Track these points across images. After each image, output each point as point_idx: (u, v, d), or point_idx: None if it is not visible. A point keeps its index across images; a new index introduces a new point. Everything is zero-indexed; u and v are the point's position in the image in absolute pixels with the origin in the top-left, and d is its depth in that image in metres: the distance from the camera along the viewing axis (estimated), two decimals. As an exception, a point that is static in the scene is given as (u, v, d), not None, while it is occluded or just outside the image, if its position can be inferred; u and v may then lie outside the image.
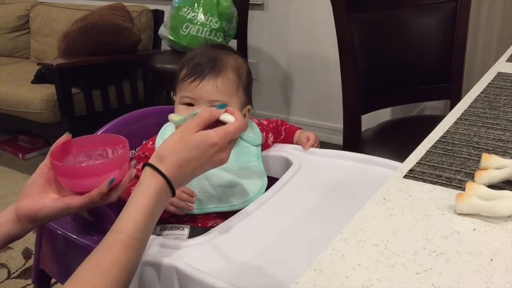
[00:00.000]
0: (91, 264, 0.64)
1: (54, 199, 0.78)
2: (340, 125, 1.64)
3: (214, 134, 0.72)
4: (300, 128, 1.23)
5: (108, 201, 0.80)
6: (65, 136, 0.83)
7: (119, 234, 0.66)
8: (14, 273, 1.77)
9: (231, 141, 0.75)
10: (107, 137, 0.88)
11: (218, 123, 0.75)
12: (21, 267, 1.80)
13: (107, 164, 0.79)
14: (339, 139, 2.23)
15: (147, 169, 0.71)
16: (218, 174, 0.99)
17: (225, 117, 0.75)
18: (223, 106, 0.78)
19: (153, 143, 1.05)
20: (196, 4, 2.42)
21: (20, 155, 2.73)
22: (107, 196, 0.79)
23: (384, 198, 0.61)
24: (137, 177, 0.99)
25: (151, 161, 0.72)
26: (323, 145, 1.18)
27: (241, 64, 1.05)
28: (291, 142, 1.20)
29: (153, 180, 0.70)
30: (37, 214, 0.76)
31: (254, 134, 1.09)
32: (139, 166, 1.02)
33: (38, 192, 0.79)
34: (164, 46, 2.74)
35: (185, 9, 2.42)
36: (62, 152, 0.82)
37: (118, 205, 1.02)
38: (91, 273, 0.63)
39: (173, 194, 0.73)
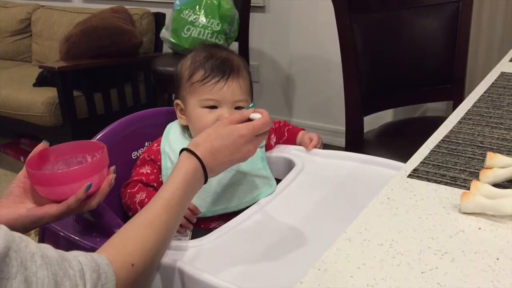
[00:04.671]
0: (135, 219, 0.72)
1: (29, 208, 0.77)
2: (342, 127, 1.64)
3: (243, 127, 0.80)
4: (303, 129, 1.22)
5: (87, 208, 0.80)
6: (42, 145, 0.82)
7: (161, 198, 0.74)
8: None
9: (259, 136, 0.82)
10: (85, 144, 0.87)
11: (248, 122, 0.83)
12: (23, 270, 1.79)
13: (83, 170, 0.77)
14: (341, 141, 2.22)
15: (184, 153, 0.79)
16: (227, 175, 0.99)
17: (254, 115, 0.82)
18: (251, 106, 0.84)
19: (158, 145, 1.05)
20: (197, 7, 2.42)
21: (22, 159, 2.73)
22: (86, 202, 0.79)
23: (388, 198, 0.60)
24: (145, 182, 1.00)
25: (188, 146, 0.80)
26: (325, 147, 1.18)
27: (245, 62, 1.08)
28: (294, 143, 1.20)
29: (190, 160, 0.78)
30: (13, 225, 0.75)
31: None
32: (143, 170, 1.02)
33: (14, 202, 0.78)
34: (166, 48, 2.74)
35: (187, 12, 2.42)
36: (39, 160, 0.81)
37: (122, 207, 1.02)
38: (137, 224, 0.71)
39: (206, 180, 0.79)
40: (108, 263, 0.62)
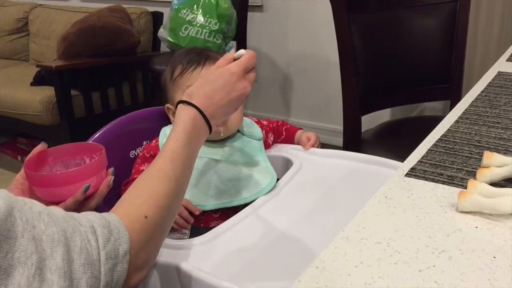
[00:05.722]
0: (143, 174, 0.71)
1: None
2: (340, 127, 1.64)
3: (232, 65, 0.79)
4: (300, 128, 1.23)
5: (86, 209, 0.79)
6: (41, 146, 0.82)
7: (163, 151, 0.73)
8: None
9: (249, 72, 0.81)
10: (84, 146, 0.87)
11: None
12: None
13: (82, 171, 0.77)
14: (339, 141, 2.22)
15: (180, 105, 0.78)
16: (227, 168, 1.00)
17: (238, 53, 0.82)
18: (230, 48, 0.84)
19: (157, 141, 1.06)
20: (195, 6, 2.42)
21: (19, 158, 2.72)
22: (85, 204, 0.79)
23: (386, 197, 0.60)
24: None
25: (182, 98, 0.78)
26: (323, 146, 1.18)
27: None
28: (292, 143, 1.20)
29: (186, 110, 0.76)
30: None
31: (253, 129, 1.10)
32: (143, 167, 1.02)
33: None
34: (164, 48, 2.74)
35: (184, 11, 2.42)
36: (37, 162, 0.81)
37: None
38: (143, 180, 0.70)
39: (210, 129, 0.78)
40: (118, 220, 0.62)
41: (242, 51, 0.81)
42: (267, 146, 1.16)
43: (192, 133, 0.75)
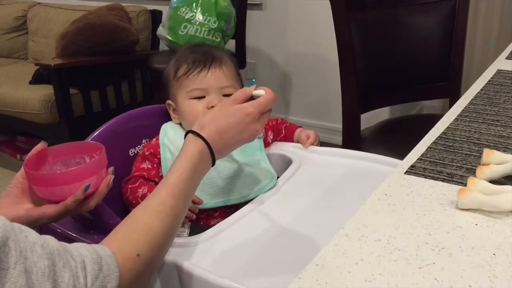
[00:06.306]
0: (142, 205, 0.71)
1: (27, 209, 0.77)
2: (339, 125, 1.64)
3: (249, 105, 0.79)
4: (300, 127, 1.23)
5: (85, 208, 0.79)
6: (41, 145, 0.82)
7: (166, 183, 0.73)
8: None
9: (264, 114, 0.81)
10: (84, 145, 0.87)
11: (251, 99, 0.82)
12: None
13: (82, 170, 0.77)
14: (338, 139, 2.22)
15: (190, 135, 0.78)
16: (227, 166, 1.00)
17: (257, 92, 0.81)
18: (252, 83, 0.82)
19: (157, 140, 1.06)
20: (194, 4, 2.41)
21: (18, 156, 2.72)
22: (84, 203, 0.79)
23: (385, 194, 0.61)
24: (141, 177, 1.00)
25: (193, 128, 0.78)
26: (322, 145, 1.18)
27: (230, 55, 1.11)
28: (291, 141, 1.20)
29: (195, 142, 0.76)
30: None
31: None
32: (144, 165, 1.02)
33: (12, 202, 0.77)
34: (163, 46, 2.73)
35: (183, 9, 2.41)
36: (37, 161, 0.81)
37: (122, 204, 1.02)
38: (142, 211, 0.70)
39: (213, 163, 0.77)
40: (110, 255, 0.61)
41: (261, 91, 0.81)
42: (266, 144, 1.16)
43: (197, 168, 0.75)
